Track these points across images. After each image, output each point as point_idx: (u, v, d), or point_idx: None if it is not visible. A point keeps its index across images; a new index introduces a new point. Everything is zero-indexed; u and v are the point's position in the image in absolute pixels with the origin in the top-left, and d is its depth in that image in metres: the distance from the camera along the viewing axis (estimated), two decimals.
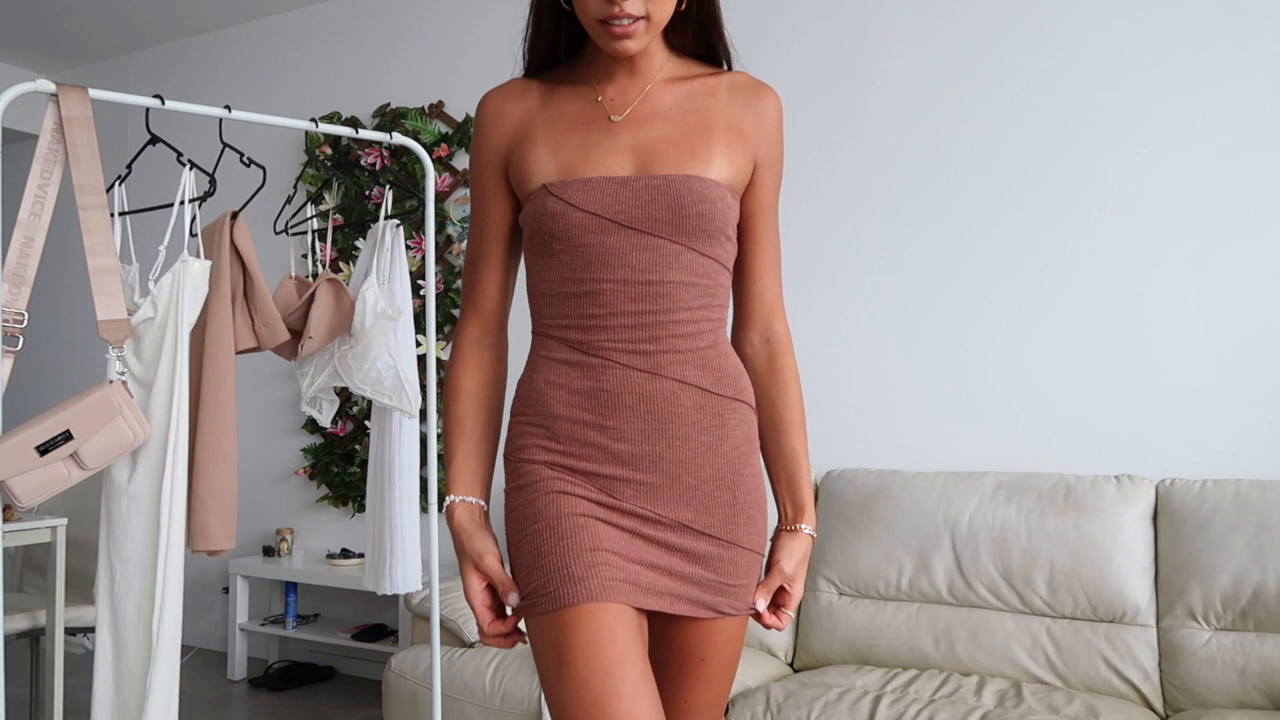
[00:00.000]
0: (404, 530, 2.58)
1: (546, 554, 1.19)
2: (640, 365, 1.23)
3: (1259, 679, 2.31)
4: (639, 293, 1.23)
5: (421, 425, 2.67)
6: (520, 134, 1.29)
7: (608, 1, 1.17)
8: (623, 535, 1.22)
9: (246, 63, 4.59)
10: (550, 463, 1.25)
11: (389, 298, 2.53)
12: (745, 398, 1.30)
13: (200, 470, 2.07)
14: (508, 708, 2.58)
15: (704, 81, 1.31)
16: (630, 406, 1.23)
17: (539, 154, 1.26)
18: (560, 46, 1.34)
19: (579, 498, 1.22)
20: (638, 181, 1.23)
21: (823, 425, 3.19)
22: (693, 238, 1.23)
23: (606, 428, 1.23)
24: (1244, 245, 2.67)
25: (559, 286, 1.26)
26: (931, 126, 3.08)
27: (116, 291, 1.96)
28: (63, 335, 4.97)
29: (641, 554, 1.22)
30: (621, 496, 1.23)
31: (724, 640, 1.29)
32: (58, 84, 1.95)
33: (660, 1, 1.19)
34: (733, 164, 1.27)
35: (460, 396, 1.33)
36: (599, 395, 1.23)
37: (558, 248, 1.24)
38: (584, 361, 1.25)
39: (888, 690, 2.42)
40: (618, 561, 1.19)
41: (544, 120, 1.29)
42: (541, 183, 1.25)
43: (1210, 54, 2.72)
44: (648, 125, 1.27)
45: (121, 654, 2.04)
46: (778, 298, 1.36)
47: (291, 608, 4.05)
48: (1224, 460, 2.64)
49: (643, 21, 1.19)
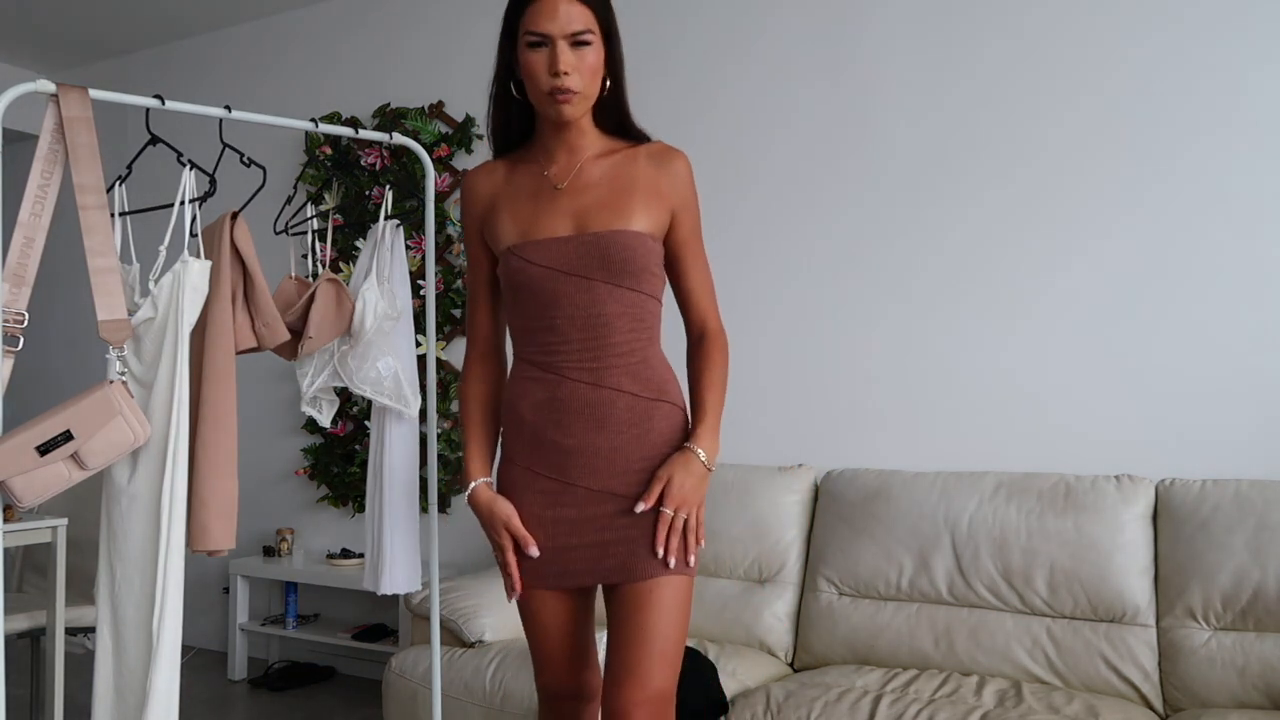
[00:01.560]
0: (403, 530, 2.58)
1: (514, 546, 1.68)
2: (586, 379, 1.62)
3: (1259, 679, 2.31)
4: (583, 324, 1.61)
5: (421, 425, 2.67)
6: (491, 204, 1.70)
7: (553, 75, 1.56)
8: (566, 525, 1.63)
9: (246, 63, 4.59)
10: (512, 460, 1.69)
11: (389, 298, 2.52)
12: (670, 399, 1.67)
13: (200, 470, 2.06)
14: (508, 708, 2.58)
15: (626, 153, 1.69)
16: (577, 410, 1.62)
17: (504, 222, 1.67)
18: (513, 128, 1.72)
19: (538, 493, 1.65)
20: (577, 239, 1.61)
21: (823, 425, 3.19)
22: (621, 277, 1.61)
23: (560, 426, 1.63)
24: (1243, 245, 2.67)
25: (526, 322, 1.66)
26: (940, 131, 3.08)
27: (117, 292, 1.96)
28: (63, 335, 4.98)
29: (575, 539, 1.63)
30: (572, 478, 1.63)
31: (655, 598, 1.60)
32: (58, 84, 1.95)
33: (590, 80, 1.59)
34: (651, 216, 1.64)
35: (468, 402, 1.77)
36: (554, 403, 1.63)
37: (523, 294, 1.64)
38: (544, 378, 1.64)
39: (888, 690, 2.42)
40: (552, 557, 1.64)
41: (507, 194, 1.69)
42: (506, 245, 1.65)
43: (1218, 59, 2.72)
44: (582, 193, 1.65)
45: (122, 654, 2.04)
46: (710, 306, 1.75)
47: (291, 608, 4.05)
48: (1224, 460, 2.64)
49: (579, 94, 1.58)
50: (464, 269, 3.87)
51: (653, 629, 1.58)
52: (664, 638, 1.59)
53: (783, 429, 3.23)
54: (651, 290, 1.66)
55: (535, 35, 1.56)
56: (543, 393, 1.63)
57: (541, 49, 1.57)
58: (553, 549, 1.64)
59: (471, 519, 3.86)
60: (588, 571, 1.64)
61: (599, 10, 1.59)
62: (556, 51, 1.55)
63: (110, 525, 2.05)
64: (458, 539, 3.89)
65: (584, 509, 1.63)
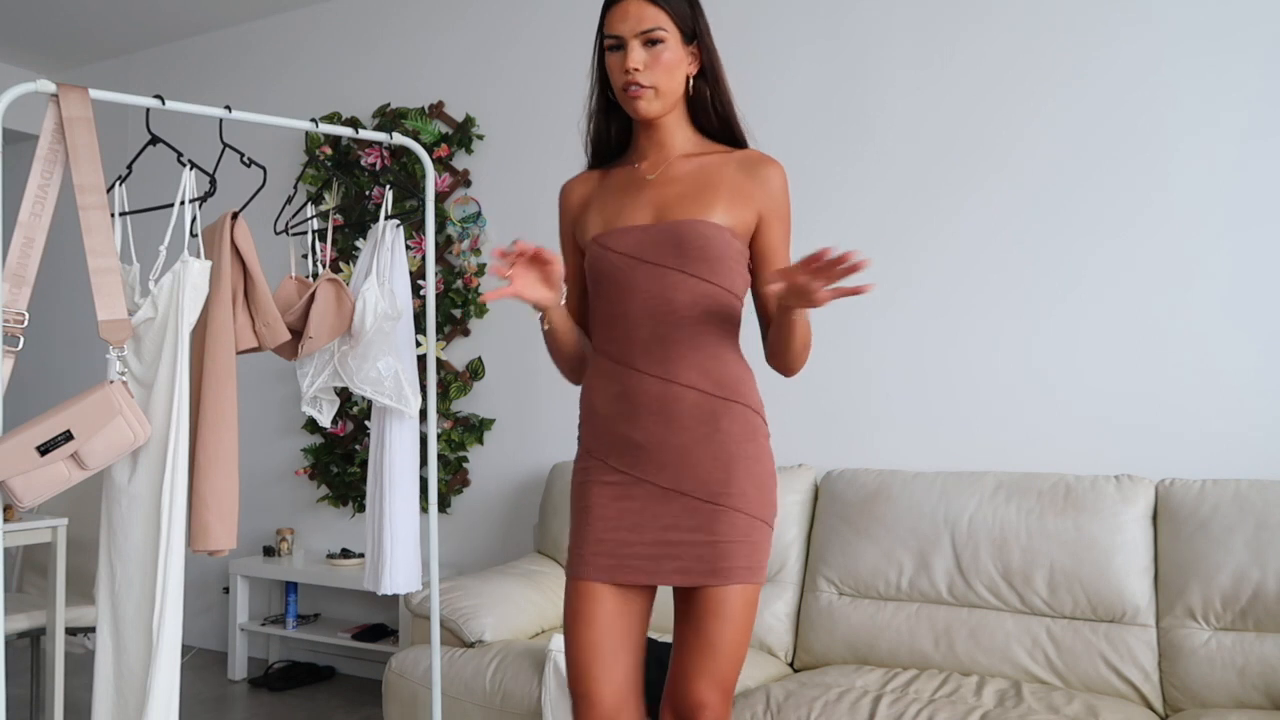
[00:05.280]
0: (404, 530, 2.58)
1: (574, 533, 1.69)
2: (655, 372, 1.62)
3: (1259, 679, 2.31)
4: (653, 313, 1.62)
5: (421, 425, 2.67)
6: (584, 205, 1.77)
7: (623, 72, 1.63)
8: (631, 518, 1.62)
9: (246, 63, 4.59)
10: (590, 451, 1.69)
11: (389, 298, 2.53)
12: (743, 399, 1.66)
13: (201, 470, 2.06)
14: (508, 708, 2.58)
15: (717, 157, 1.72)
16: (646, 404, 1.62)
17: (592, 216, 1.73)
18: (612, 137, 1.78)
19: (606, 484, 1.65)
20: (655, 227, 1.65)
21: (823, 425, 3.19)
22: (694, 265, 1.62)
23: (630, 420, 1.63)
24: (1243, 245, 2.67)
25: (602, 314, 1.69)
26: (941, 132, 3.08)
27: (117, 292, 1.96)
28: (63, 335, 4.97)
29: (642, 536, 1.62)
30: (643, 473, 1.63)
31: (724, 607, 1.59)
32: (58, 84, 1.95)
33: (664, 77, 1.64)
34: (733, 214, 1.66)
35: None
36: (625, 396, 1.64)
37: (602, 283, 1.68)
38: (616, 370, 1.66)
39: (888, 690, 2.42)
40: (609, 549, 1.63)
41: (598, 194, 1.75)
42: (591, 236, 1.70)
43: (1230, 58, 2.72)
44: (667, 186, 1.68)
45: (122, 654, 2.04)
46: None
47: (292, 608, 4.05)
48: (1224, 460, 2.64)
49: (651, 90, 1.64)
50: (464, 269, 3.88)
51: (719, 636, 1.58)
52: (731, 643, 1.59)
53: (783, 429, 3.21)
54: (729, 285, 1.66)
55: (611, 38, 1.65)
56: (614, 386, 1.65)
57: (619, 51, 1.65)
58: (613, 541, 1.63)
59: (471, 519, 3.87)
60: (645, 570, 1.62)
61: (673, 10, 1.64)
62: (629, 50, 1.63)
63: (110, 525, 2.05)
64: (458, 539, 3.89)
65: (650, 505, 1.62)
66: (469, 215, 3.90)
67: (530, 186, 3.76)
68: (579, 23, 3.66)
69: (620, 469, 1.64)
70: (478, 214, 3.88)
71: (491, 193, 3.88)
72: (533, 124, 3.79)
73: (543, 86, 3.77)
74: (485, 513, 3.86)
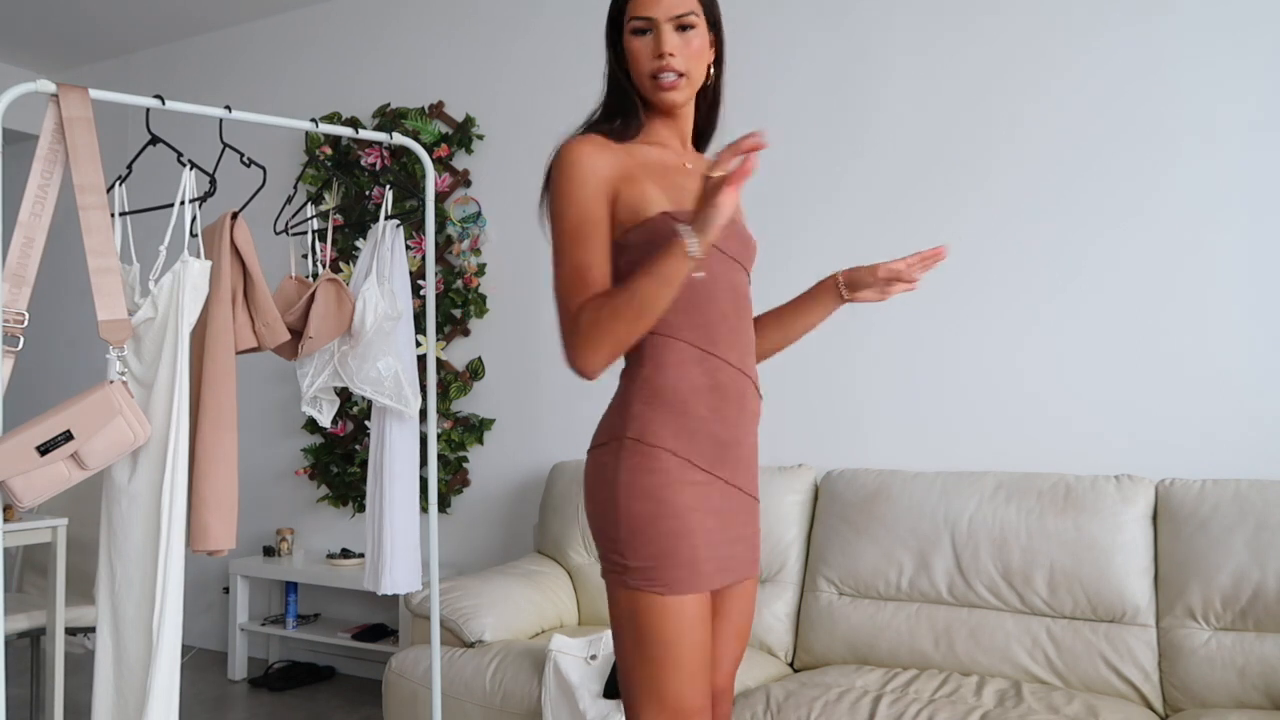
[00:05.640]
0: (403, 530, 2.58)
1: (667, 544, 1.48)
2: (738, 364, 1.57)
3: (1259, 679, 2.31)
4: (736, 306, 1.58)
5: (421, 425, 2.67)
6: (623, 174, 1.53)
7: (655, 57, 1.53)
8: (717, 520, 1.53)
9: (247, 63, 4.59)
10: (674, 451, 1.50)
11: (389, 298, 2.53)
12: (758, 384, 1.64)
13: (201, 470, 2.06)
14: (508, 708, 2.58)
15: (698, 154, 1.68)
16: (733, 399, 1.56)
17: (649, 189, 1.52)
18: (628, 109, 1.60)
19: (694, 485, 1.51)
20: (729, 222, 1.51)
21: (823, 425, 3.19)
22: (749, 263, 1.64)
23: (718, 416, 1.54)
24: (1242, 245, 2.67)
25: (681, 298, 1.51)
26: (941, 131, 3.08)
27: (117, 292, 1.96)
28: (63, 335, 4.98)
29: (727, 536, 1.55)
30: (723, 472, 1.55)
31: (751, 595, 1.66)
32: (58, 84, 1.95)
33: (695, 64, 1.55)
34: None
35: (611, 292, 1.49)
36: (716, 390, 1.54)
37: None
38: (706, 360, 1.54)
39: (888, 690, 2.42)
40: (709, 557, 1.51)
41: (637, 166, 1.55)
42: (660, 209, 1.50)
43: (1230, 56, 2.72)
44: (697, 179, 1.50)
45: (122, 654, 2.04)
46: None
47: (291, 608, 4.05)
48: (1224, 460, 2.64)
49: (684, 77, 1.55)
50: (464, 269, 3.87)
51: (746, 623, 1.67)
52: (750, 628, 1.70)
53: (783, 429, 3.23)
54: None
55: (640, 20, 1.55)
56: (704, 378, 1.53)
57: (646, 35, 1.55)
58: (709, 545, 1.52)
59: (471, 519, 3.86)
60: (733, 571, 1.57)
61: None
62: (661, 34, 1.54)
63: (110, 525, 2.05)
64: (458, 539, 3.89)
65: (729, 503, 1.56)
66: (469, 215, 3.90)
67: (530, 186, 3.76)
68: (579, 23, 3.66)
69: (704, 468, 1.52)
70: (478, 214, 3.88)
71: (491, 193, 3.88)
72: (533, 124, 3.79)
73: (543, 86, 3.77)
74: (485, 513, 3.86)
